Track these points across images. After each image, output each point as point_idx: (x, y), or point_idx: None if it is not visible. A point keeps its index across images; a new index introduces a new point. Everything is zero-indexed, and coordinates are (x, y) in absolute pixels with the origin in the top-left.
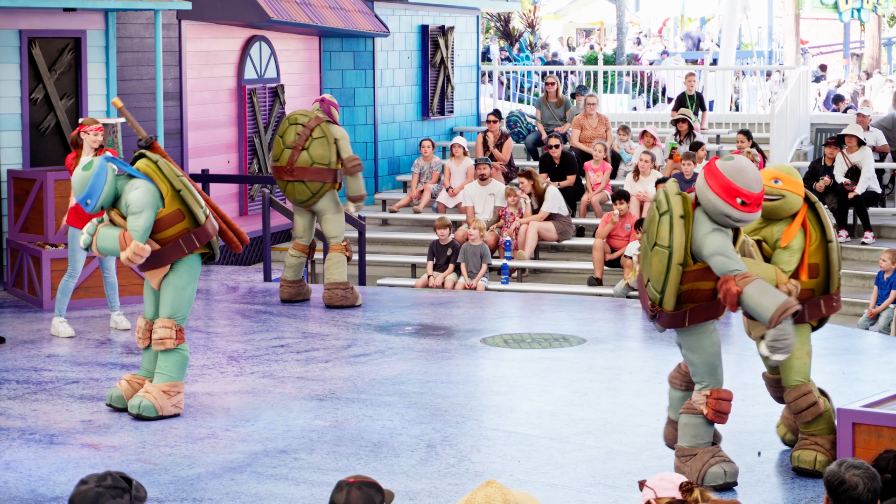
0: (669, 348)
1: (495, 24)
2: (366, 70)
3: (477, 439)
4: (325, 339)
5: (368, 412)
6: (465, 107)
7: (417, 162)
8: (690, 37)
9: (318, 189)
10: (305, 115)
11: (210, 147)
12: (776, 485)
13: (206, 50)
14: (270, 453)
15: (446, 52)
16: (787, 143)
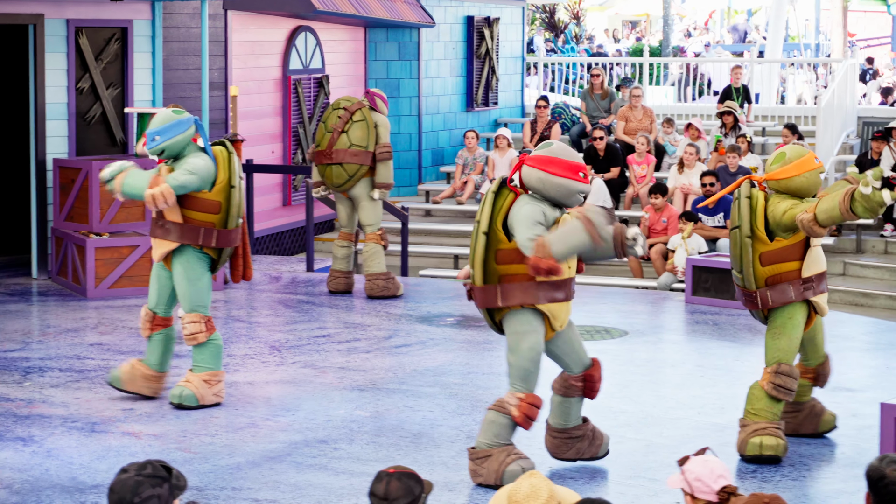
0: (712, 341)
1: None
2: (411, 61)
3: (517, 431)
4: (366, 330)
5: (409, 403)
6: (509, 98)
7: (461, 153)
8: (737, 29)
9: (354, 172)
10: (348, 101)
11: (255, 137)
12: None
13: (252, 40)
14: (310, 443)
15: (491, 43)
16: (834, 137)
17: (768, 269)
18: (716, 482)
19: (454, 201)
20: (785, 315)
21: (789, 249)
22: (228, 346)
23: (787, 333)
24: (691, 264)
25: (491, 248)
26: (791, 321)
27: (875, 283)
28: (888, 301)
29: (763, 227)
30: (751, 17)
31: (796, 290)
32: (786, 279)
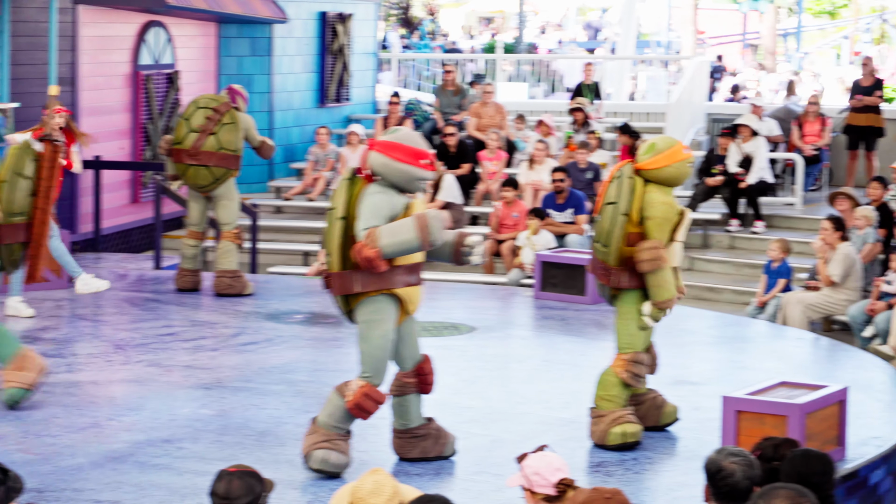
0: (560, 336)
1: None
2: (263, 57)
3: (363, 428)
4: (213, 328)
5: (255, 401)
6: (362, 94)
7: (312, 149)
8: (591, 26)
9: (221, 175)
10: (216, 100)
11: (103, 133)
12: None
13: (102, 35)
14: (154, 443)
15: (345, 39)
16: (683, 133)
17: (630, 250)
18: (553, 475)
19: (305, 198)
20: (636, 300)
21: None
22: (72, 346)
23: (636, 318)
24: (540, 260)
25: (347, 234)
26: (636, 307)
27: (720, 278)
28: (733, 295)
29: (637, 209)
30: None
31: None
32: None
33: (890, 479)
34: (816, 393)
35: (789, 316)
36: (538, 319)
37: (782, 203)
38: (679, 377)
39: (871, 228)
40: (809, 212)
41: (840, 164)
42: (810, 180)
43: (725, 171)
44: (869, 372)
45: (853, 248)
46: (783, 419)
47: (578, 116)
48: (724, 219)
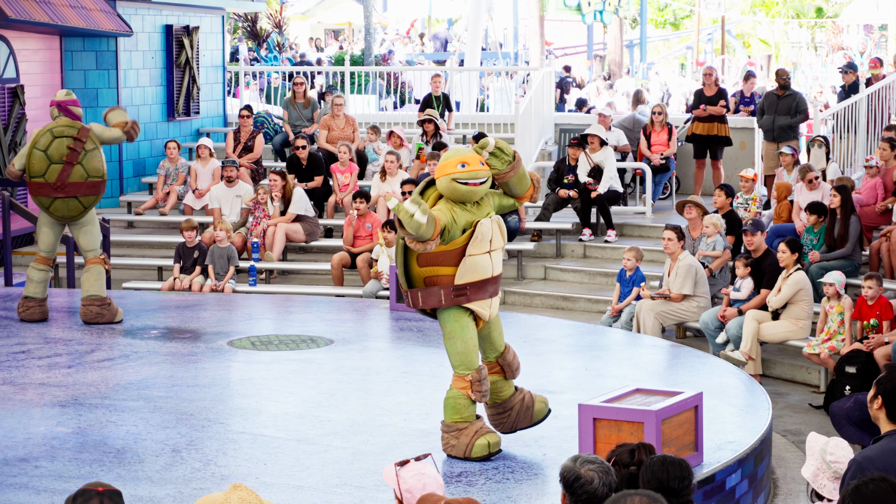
0: (417, 348)
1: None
2: (109, 70)
3: (223, 443)
4: (68, 344)
5: (112, 418)
6: (211, 108)
7: (163, 163)
8: (438, 38)
9: (90, 203)
10: (72, 127)
11: None
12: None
13: None
14: (10, 462)
15: (191, 52)
16: (532, 144)
17: (425, 271)
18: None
19: (157, 212)
20: (451, 318)
21: (445, 255)
22: None
23: (458, 336)
24: (395, 272)
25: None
26: (458, 324)
27: (574, 287)
28: (587, 304)
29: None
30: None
31: (447, 295)
32: (440, 283)
33: (746, 482)
34: (671, 399)
35: (643, 323)
36: (395, 331)
37: (633, 212)
38: (537, 386)
39: (720, 236)
40: (659, 220)
41: (688, 172)
42: (659, 189)
43: (576, 181)
44: (722, 377)
45: (693, 258)
46: (640, 426)
47: (429, 128)
48: (577, 228)
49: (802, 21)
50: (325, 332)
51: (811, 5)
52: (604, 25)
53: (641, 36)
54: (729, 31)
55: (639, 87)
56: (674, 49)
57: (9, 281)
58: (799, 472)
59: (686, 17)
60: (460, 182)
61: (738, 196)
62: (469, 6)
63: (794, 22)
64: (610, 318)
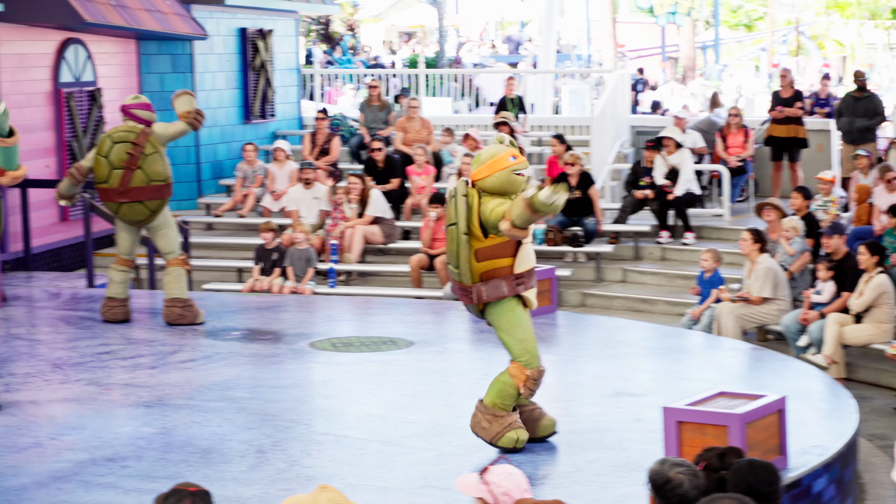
0: (497, 350)
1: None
2: (185, 73)
3: (307, 444)
4: (151, 345)
5: (197, 418)
6: (286, 110)
7: (240, 166)
8: (511, 40)
9: (156, 207)
10: (131, 132)
11: (27, 151)
12: (600, 483)
13: (21, 52)
14: (98, 461)
15: (266, 55)
16: (608, 146)
17: (483, 265)
18: (520, 495)
19: (235, 214)
20: (506, 309)
21: (503, 247)
22: (9, 365)
23: (518, 324)
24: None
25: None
26: (514, 313)
27: (653, 289)
28: (666, 306)
29: (478, 224)
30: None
31: (509, 285)
32: (499, 275)
33: (833, 487)
34: (755, 403)
35: (724, 326)
36: (475, 333)
37: (710, 214)
38: (619, 389)
39: (800, 238)
40: (737, 222)
41: (765, 175)
42: (736, 191)
43: (653, 184)
44: (805, 381)
45: (772, 260)
46: (724, 429)
47: (504, 130)
48: (655, 230)
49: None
50: (405, 334)
51: (886, 6)
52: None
53: (715, 38)
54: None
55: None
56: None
57: (91, 282)
58: (887, 476)
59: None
60: (517, 173)
61: (816, 198)
62: (541, 8)
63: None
64: (690, 321)
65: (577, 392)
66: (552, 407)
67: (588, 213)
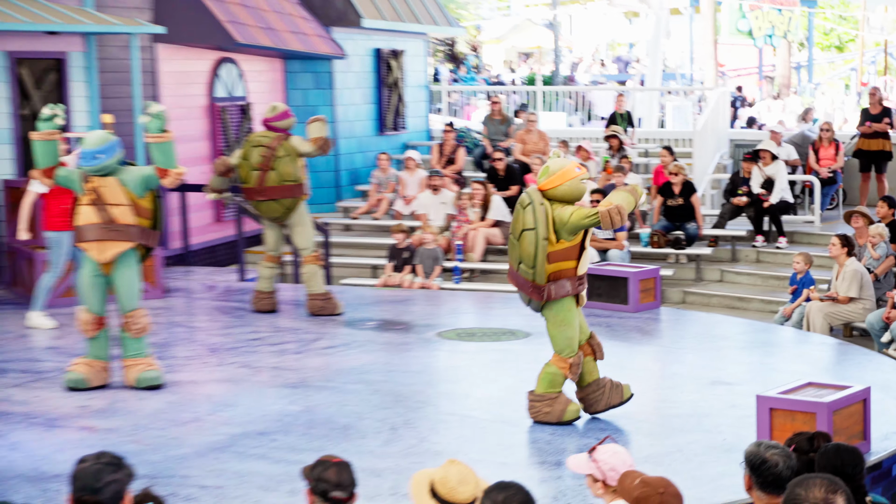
0: (606, 341)
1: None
2: (325, 89)
3: (435, 423)
4: (296, 333)
5: (337, 398)
6: (416, 123)
7: (375, 173)
8: (621, 60)
9: (290, 205)
10: (266, 137)
11: (186, 159)
12: (698, 463)
13: (180, 70)
14: (250, 435)
15: (398, 73)
16: (709, 157)
17: (553, 267)
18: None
19: (370, 217)
20: (563, 307)
21: (570, 251)
22: (171, 349)
23: (569, 323)
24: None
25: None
26: (570, 313)
27: (748, 289)
28: (760, 304)
29: (552, 230)
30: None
31: (573, 284)
32: (565, 276)
33: None
34: (841, 392)
35: (813, 323)
36: None
37: (802, 221)
38: (715, 378)
39: (885, 243)
40: (827, 228)
41: (853, 185)
42: (827, 200)
43: (750, 192)
44: (887, 374)
45: (859, 263)
46: (812, 416)
47: (614, 143)
48: (751, 235)
49: None
50: (522, 326)
51: None
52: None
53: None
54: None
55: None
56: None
57: (242, 276)
58: None
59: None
60: (584, 181)
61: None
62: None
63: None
64: (782, 318)
65: (677, 380)
66: (655, 394)
67: (690, 219)
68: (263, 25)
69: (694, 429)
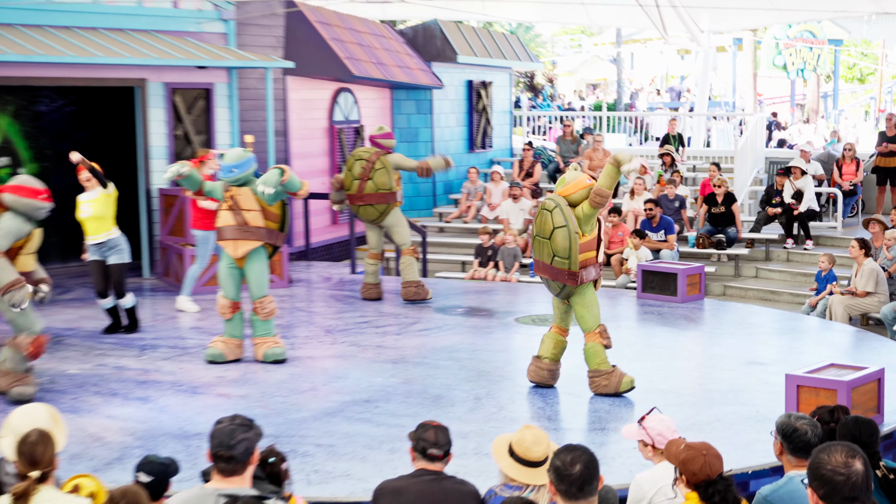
0: (657, 327)
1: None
2: (425, 114)
3: (512, 394)
4: (396, 318)
5: (430, 373)
6: (501, 143)
7: (466, 184)
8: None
9: (384, 209)
10: (367, 152)
11: (309, 172)
12: (733, 431)
13: (305, 98)
14: (357, 402)
15: (486, 100)
16: (747, 172)
17: (581, 256)
18: (671, 435)
19: (461, 221)
20: (590, 290)
21: (591, 242)
22: (293, 330)
23: (595, 303)
24: (641, 269)
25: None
26: (594, 294)
27: (780, 284)
28: (790, 297)
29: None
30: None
31: (597, 270)
32: (590, 263)
33: None
34: (859, 372)
35: (834, 313)
36: (640, 314)
37: (827, 226)
38: (750, 359)
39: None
40: (848, 233)
41: (871, 196)
42: (848, 209)
43: (782, 202)
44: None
45: (875, 263)
46: (834, 392)
47: (667, 159)
48: (782, 238)
49: None
50: None
51: None
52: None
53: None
54: None
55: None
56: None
57: (353, 269)
58: None
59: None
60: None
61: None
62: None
63: None
64: (808, 309)
65: (717, 360)
66: (698, 371)
67: (730, 224)
68: (375, 61)
69: (731, 402)
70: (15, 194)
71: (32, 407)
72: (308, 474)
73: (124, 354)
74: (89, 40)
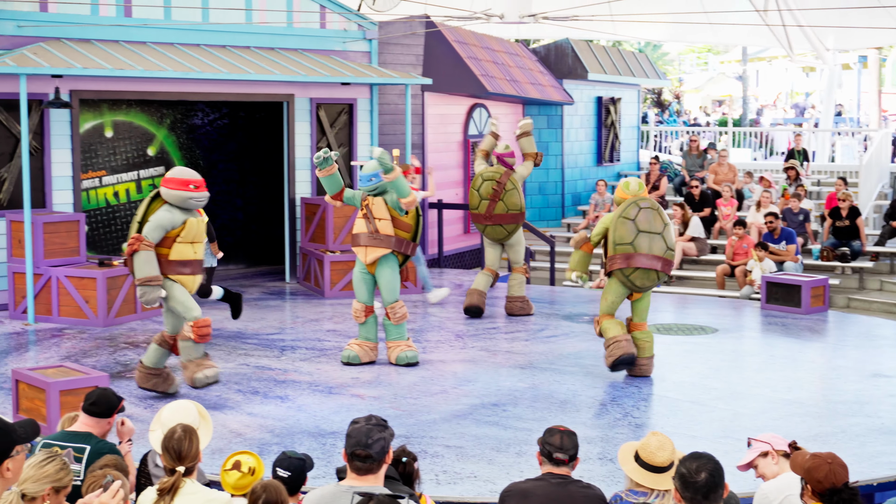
0: (781, 338)
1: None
2: (556, 129)
3: (636, 400)
4: (525, 324)
5: (557, 378)
6: (628, 156)
7: (593, 196)
8: (798, 106)
9: (512, 229)
10: (497, 172)
11: (444, 183)
12: (859, 443)
13: (442, 113)
14: (486, 406)
15: (615, 116)
16: (872, 187)
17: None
18: (782, 442)
19: (588, 231)
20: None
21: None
22: (426, 334)
23: None
24: (765, 280)
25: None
26: None
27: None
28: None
29: None
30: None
31: None
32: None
33: None
34: None
35: None
36: (764, 325)
37: None
38: (875, 371)
39: None
40: None
41: None
42: None
43: None
44: None
45: None
46: None
47: (791, 174)
48: None
49: None
50: (711, 323)
51: None
52: None
53: None
54: None
55: None
56: None
57: None
58: None
59: None
60: None
61: None
62: (824, 82)
63: None
64: None
65: (841, 372)
66: (822, 383)
67: (855, 237)
68: (508, 78)
69: (856, 413)
70: (167, 187)
71: (182, 403)
72: (437, 475)
73: (265, 355)
74: (242, 58)
